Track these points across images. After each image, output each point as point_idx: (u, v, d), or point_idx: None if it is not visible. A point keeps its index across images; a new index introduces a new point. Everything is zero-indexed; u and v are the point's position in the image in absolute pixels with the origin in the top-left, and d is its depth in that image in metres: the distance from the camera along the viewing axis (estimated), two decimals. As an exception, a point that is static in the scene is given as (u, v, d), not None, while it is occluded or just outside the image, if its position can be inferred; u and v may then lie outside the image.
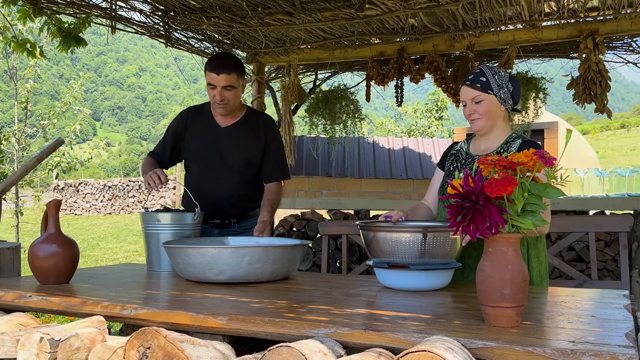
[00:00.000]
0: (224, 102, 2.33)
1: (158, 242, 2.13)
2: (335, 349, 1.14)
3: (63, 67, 68.98)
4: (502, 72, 1.92)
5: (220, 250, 1.75)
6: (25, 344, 1.25)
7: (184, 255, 1.80)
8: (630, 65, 4.19)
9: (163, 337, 1.12)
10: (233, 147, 2.40)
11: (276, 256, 1.81)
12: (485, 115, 1.89)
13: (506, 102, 1.91)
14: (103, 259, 9.76)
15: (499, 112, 1.91)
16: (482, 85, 1.88)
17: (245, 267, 1.76)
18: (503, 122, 1.94)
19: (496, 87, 1.88)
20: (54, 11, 3.31)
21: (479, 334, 1.15)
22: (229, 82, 2.30)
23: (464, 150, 2.05)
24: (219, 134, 2.41)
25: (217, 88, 2.30)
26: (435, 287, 1.68)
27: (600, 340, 1.10)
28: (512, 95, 1.92)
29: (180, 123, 2.48)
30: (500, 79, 1.90)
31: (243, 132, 2.42)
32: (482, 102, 1.89)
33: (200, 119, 2.46)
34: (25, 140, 7.37)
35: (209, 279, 1.80)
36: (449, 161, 2.08)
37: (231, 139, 2.41)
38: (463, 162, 2.01)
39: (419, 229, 1.65)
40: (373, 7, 3.22)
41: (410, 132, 16.11)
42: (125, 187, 17.21)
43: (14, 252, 2.75)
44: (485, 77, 1.88)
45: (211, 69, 2.29)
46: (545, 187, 1.23)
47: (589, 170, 4.56)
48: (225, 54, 2.50)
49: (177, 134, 2.48)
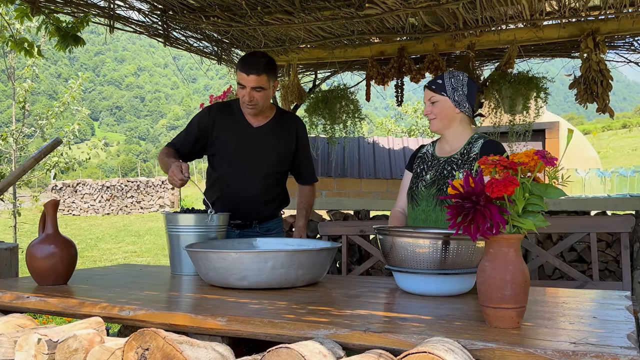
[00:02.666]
0: (252, 103, 2.25)
1: (180, 245, 2.06)
2: (335, 351, 1.13)
3: (61, 67, 68.96)
4: (462, 76, 2.01)
5: (242, 255, 1.66)
6: (22, 345, 1.25)
7: (205, 260, 1.72)
8: (632, 64, 4.18)
9: (162, 339, 1.11)
10: (266, 147, 2.34)
11: (301, 261, 1.70)
12: (439, 116, 1.99)
13: (461, 105, 2.00)
14: (101, 260, 9.75)
15: (454, 114, 2.00)
16: (437, 87, 1.99)
17: (268, 273, 1.66)
18: (461, 124, 2.03)
19: (450, 90, 1.99)
20: (51, 10, 3.30)
21: (479, 335, 1.14)
22: (259, 83, 2.22)
23: (430, 153, 2.13)
24: (251, 133, 2.34)
25: (246, 88, 2.22)
26: (461, 291, 1.63)
27: (602, 341, 1.10)
28: (467, 98, 2.00)
29: (207, 118, 2.37)
30: (457, 82, 1.99)
31: (276, 133, 2.35)
32: (437, 104, 1.99)
33: (229, 117, 2.37)
34: (23, 140, 7.37)
35: (231, 284, 1.71)
36: (416, 163, 2.16)
37: (264, 139, 2.34)
38: (429, 164, 2.09)
39: (442, 235, 1.59)
40: (373, 6, 3.21)
41: (411, 132, 16.11)
42: (123, 188, 17.20)
43: (11, 253, 2.74)
44: (442, 80, 2.00)
45: (241, 68, 2.22)
46: (547, 187, 1.23)
47: (591, 170, 4.55)
48: (258, 53, 2.37)
49: (203, 129, 2.37)
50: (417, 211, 2.04)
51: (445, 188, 1.98)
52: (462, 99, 1.98)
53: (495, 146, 1.96)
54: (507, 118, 4.06)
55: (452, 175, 1.97)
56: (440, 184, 1.99)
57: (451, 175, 1.98)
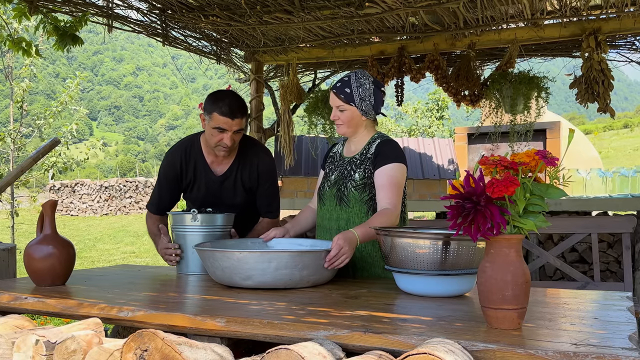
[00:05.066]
0: (232, 146, 2.18)
1: (187, 245, 2.07)
2: (335, 352, 1.13)
3: (59, 66, 68.90)
4: (369, 84, 2.02)
5: (246, 254, 1.67)
6: (21, 346, 1.24)
7: (212, 259, 1.75)
8: (633, 64, 4.18)
9: (160, 340, 1.10)
10: (229, 195, 2.30)
11: (305, 262, 1.70)
12: (346, 123, 2.04)
13: (367, 114, 2.04)
14: (99, 261, 9.74)
15: (361, 121, 2.05)
16: (345, 97, 2.01)
17: (272, 273, 1.67)
18: (366, 128, 2.08)
19: (358, 100, 2.01)
20: (50, 9, 3.29)
21: (480, 336, 1.14)
22: (241, 125, 2.16)
23: (339, 152, 2.17)
24: (214, 183, 2.29)
25: (227, 132, 2.13)
26: (461, 292, 1.63)
27: (603, 342, 1.09)
28: (373, 107, 2.04)
29: (174, 169, 2.30)
30: (364, 92, 2.01)
31: (237, 178, 2.30)
32: (345, 112, 2.02)
33: (193, 164, 2.30)
34: (21, 140, 7.35)
35: (237, 283, 1.72)
36: (327, 162, 2.20)
37: (226, 188, 2.30)
38: (336, 164, 2.13)
39: (442, 236, 1.58)
40: (373, 5, 3.21)
41: (411, 131, 16.12)
42: (122, 188, 17.18)
43: (9, 254, 2.73)
44: (350, 89, 2.00)
45: (224, 113, 2.11)
46: (548, 187, 1.22)
47: (592, 170, 4.55)
48: (232, 93, 2.24)
49: (172, 181, 2.32)
50: (323, 210, 2.10)
51: (343, 189, 2.03)
52: (369, 109, 2.02)
53: (389, 146, 2.02)
54: (508, 118, 4.06)
55: (351, 175, 2.03)
56: (339, 184, 2.05)
57: (350, 175, 2.03)
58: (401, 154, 2.01)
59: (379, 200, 1.95)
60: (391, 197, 1.92)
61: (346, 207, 2.02)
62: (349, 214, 2.01)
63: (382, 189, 1.95)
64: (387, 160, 1.97)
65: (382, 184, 1.95)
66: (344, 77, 2.04)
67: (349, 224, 1.98)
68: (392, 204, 1.92)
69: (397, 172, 1.97)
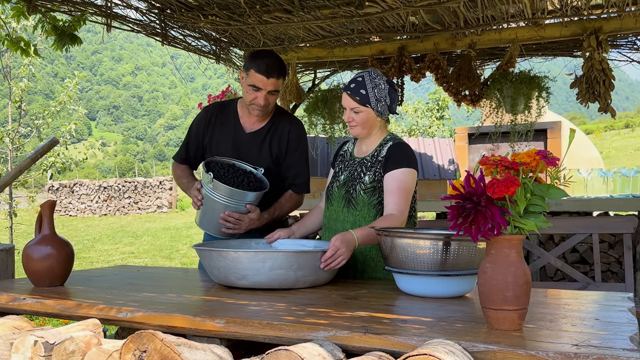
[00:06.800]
0: (265, 107, 2.16)
1: (212, 205, 2.06)
2: (335, 353, 1.12)
3: (58, 66, 68.88)
4: (383, 83, 1.99)
5: (240, 254, 1.67)
6: (19, 347, 1.23)
7: (209, 258, 1.75)
8: (634, 63, 4.18)
9: (159, 341, 1.10)
10: (254, 154, 2.27)
11: (300, 262, 1.69)
12: (361, 124, 2.00)
13: (382, 114, 2.01)
14: (98, 261, 9.73)
15: (376, 122, 2.02)
16: (360, 99, 1.97)
17: (266, 273, 1.66)
18: (379, 128, 2.06)
19: (374, 101, 1.97)
20: (48, 9, 3.28)
21: (480, 337, 1.14)
22: (277, 86, 2.13)
23: (349, 152, 2.14)
24: (242, 139, 2.27)
25: (261, 91, 2.12)
26: (462, 293, 1.62)
27: (604, 343, 1.09)
28: (389, 107, 2.02)
29: (204, 120, 2.32)
30: (380, 93, 1.98)
31: (266, 140, 2.27)
32: (360, 113, 1.98)
33: (225, 119, 2.31)
34: (19, 140, 7.34)
35: (232, 283, 1.72)
36: (337, 161, 2.17)
37: (253, 146, 2.27)
38: (346, 164, 2.11)
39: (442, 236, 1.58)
40: (373, 5, 3.20)
41: (411, 131, 16.13)
42: (120, 188, 17.17)
43: (7, 254, 2.72)
44: (365, 90, 1.96)
45: (261, 70, 2.08)
46: (549, 187, 1.22)
47: (593, 170, 4.56)
48: (272, 53, 2.22)
49: (200, 133, 2.32)
50: (330, 211, 2.07)
51: (352, 191, 2.01)
52: (384, 109, 2.00)
53: (401, 149, 1.99)
54: (508, 118, 4.05)
55: (361, 177, 2.00)
56: (349, 186, 2.02)
57: (360, 177, 2.01)
58: (413, 158, 1.98)
59: (386, 205, 1.93)
60: (398, 203, 1.90)
61: (354, 209, 1.99)
62: (356, 217, 1.99)
63: (391, 193, 1.92)
64: (398, 164, 1.94)
65: (391, 189, 1.93)
66: (357, 78, 1.99)
67: (355, 227, 1.94)
68: (399, 209, 1.89)
69: (407, 177, 1.94)
